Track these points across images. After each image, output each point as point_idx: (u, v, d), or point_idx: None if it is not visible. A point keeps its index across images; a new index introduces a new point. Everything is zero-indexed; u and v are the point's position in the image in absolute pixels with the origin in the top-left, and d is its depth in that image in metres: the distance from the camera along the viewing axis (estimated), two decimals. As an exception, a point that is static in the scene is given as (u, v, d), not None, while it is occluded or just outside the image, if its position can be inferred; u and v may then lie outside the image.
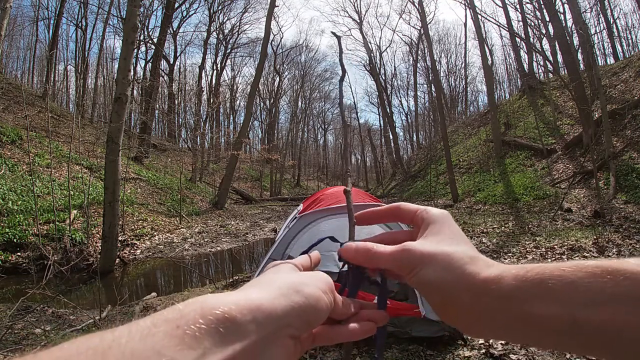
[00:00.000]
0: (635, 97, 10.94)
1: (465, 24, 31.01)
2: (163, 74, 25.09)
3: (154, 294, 5.36)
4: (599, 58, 22.97)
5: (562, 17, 15.20)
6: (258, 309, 0.26)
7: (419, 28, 29.36)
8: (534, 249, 5.94)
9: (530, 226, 7.64)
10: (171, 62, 27.48)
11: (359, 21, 32.17)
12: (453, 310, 0.33)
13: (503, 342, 2.96)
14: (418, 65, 33.86)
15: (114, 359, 0.20)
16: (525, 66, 20.68)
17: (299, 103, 38.59)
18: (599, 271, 0.26)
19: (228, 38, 31.30)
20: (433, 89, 28.51)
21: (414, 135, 39.03)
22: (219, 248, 8.96)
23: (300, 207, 4.19)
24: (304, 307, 0.29)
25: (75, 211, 8.24)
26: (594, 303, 0.26)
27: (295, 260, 0.39)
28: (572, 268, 0.28)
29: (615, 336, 0.25)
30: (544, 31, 17.39)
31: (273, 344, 0.27)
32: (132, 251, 8.22)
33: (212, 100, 26.55)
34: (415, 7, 24.59)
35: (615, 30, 23.62)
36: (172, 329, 0.22)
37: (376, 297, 0.39)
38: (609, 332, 0.25)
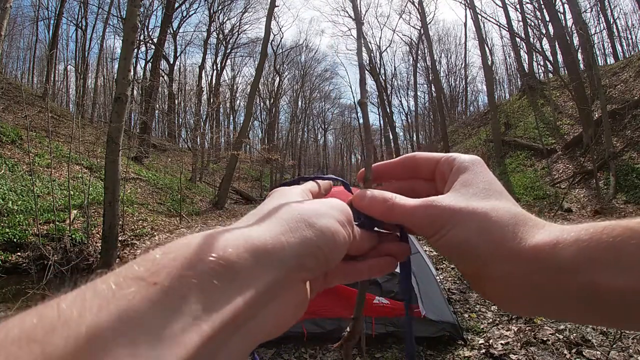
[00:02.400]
0: (635, 97, 10.93)
1: (465, 24, 30.94)
2: (163, 74, 25.08)
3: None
4: (599, 58, 23.00)
5: (562, 17, 15.21)
6: (261, 250, 0.20)
7: (419, 28, 29.39)
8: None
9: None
10: (171, 62, 27.47)
11: (359, 21, 32.11)
12: (489, 283, 0.27)
13: (503, 342, 2.95)
14: (418, 65, 33.96)
15: (59, 349, 0.13)
16: (525, 66, 20.68)
17: (299, 103, 38.60)
18: None
19: (228, 38, 31.32)
20: (433, 89, 28.55)
21: (414, 135, 39.10)
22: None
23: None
24: (319, 244, 0.23)
25: (75, 211, 8.23)
26: None
27: (303, 185, 0.32)
28: None
29: None
30: (544, 31, 17.42)
31: (282, 291, 0.21)
32: (132, 251, 8.22)
33: (212, 100, 26.55)
34: (415, 7, 24.63)
35: (615, 30, 23.67)
36: (146, 287, 0.16)
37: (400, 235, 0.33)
38: None
